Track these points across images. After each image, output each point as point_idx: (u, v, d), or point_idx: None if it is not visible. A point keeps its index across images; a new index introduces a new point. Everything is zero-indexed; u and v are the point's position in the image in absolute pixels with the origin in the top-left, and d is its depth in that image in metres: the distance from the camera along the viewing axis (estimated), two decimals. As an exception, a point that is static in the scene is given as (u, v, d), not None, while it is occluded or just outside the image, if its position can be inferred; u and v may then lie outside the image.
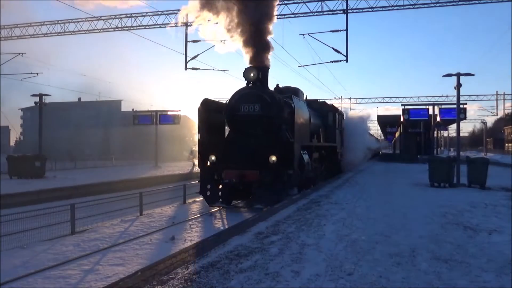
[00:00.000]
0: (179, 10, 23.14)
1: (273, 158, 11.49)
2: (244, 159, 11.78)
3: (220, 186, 12.16)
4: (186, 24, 21.61)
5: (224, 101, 13.21)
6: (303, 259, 5.11)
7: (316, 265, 4.86)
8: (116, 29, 24.87)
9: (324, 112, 18.18)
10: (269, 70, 13.36)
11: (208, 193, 12.27)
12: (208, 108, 12.95)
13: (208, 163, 12.44)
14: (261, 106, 11.90)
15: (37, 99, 25.73)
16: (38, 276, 6.70)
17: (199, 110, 12.77)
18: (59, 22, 25.63)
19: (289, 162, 11.55)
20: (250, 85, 12.47)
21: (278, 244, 5.85)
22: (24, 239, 9.06)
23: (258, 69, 12.53)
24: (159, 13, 23.77)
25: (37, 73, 29.76)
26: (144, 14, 24.35)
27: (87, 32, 25.41)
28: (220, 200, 12.23)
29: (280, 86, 15.09)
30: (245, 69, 12.49)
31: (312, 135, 15.03)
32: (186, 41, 22.76)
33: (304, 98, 17.12)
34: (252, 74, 12.33)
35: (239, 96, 12.31)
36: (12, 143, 78.14)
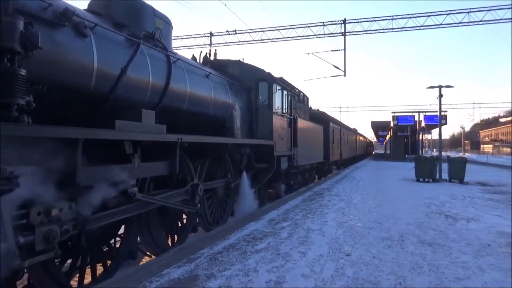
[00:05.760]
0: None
1: None
2: None
3: None
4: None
5: None
6: (308, 242, 5.10)
7: (320, 247, 4.85)
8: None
9: (255, 83, 8.81)
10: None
11: None
12: None
13: None
14: None
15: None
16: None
17: None
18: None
19: None
20: None
21: (288, 229, 5.84)
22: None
23: None
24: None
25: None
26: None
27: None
28: None
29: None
30: None
31: (177, 118, 5.75)
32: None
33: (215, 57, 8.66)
34: None
35: None
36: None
